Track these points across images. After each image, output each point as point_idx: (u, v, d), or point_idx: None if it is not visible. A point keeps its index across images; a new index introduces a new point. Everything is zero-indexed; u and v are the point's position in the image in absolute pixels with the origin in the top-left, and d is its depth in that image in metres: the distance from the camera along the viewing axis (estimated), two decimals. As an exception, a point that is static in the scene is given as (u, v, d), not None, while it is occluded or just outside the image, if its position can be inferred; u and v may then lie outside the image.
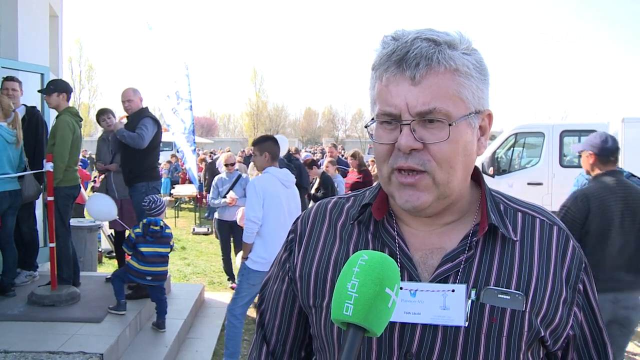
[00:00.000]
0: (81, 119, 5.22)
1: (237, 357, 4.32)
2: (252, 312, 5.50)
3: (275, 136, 4.79)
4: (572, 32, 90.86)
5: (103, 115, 5.77)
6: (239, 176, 7.18)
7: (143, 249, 4.58)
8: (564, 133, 10.14)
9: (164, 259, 4.74)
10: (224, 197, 6.89)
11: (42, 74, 6.00)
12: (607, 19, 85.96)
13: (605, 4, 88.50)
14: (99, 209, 5.18)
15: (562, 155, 10.07)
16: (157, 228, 4.68)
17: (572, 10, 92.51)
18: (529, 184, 9.83)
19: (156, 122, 5.43)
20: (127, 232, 5.16)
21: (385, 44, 0.93)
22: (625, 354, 3.78)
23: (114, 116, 5.83)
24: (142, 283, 4.69)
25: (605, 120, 10.26)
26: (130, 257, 4.71)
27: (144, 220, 4.67)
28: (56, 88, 5.01)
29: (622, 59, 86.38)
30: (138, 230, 4.64)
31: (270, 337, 1.12)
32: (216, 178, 7.26)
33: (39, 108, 5.52)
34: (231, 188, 6.96)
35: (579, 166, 9.48)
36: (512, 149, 10.50)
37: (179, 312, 5.34)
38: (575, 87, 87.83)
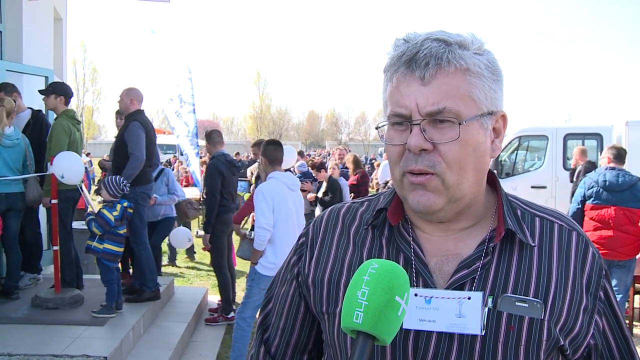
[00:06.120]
0: (79, 122, 5.16)
1: None
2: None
3: (284, 146, 4.70)
4: (573, 32, 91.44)
5: (117, 115, 5.81)
6: None
7: (122, 231, 4.57)
8: (568, 136, 10.13)
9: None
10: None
11: (46, 77, 6.02)
12: (610, 21, 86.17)
13: (606, 5, 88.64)
14: (65, 167, 4.54)
15: (565, 158, 10.05)
16: (131, 210, 4.67)
17: (572, 11, 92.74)
18: (532, 187, 9.80)
19: (143, 126, 5.04)
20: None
21: (397, 46, 0.93)
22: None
23: None
24: (114, 266, 4.58)
25: (609, 124, 10.26)
26: (102, 242, 4.48)
27: (125, 204, 4.55)
28: (54, 90, 4.99)
29: (626, 62, 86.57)
30: (116, 213, 4.47)
31: (274, 339, 1.12)
32: None
33: (44, 112, 5.53)
34: None
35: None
36: (515, 152, 10.49)
37: (182, 316, 5.33)
38: (579, 89, 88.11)
